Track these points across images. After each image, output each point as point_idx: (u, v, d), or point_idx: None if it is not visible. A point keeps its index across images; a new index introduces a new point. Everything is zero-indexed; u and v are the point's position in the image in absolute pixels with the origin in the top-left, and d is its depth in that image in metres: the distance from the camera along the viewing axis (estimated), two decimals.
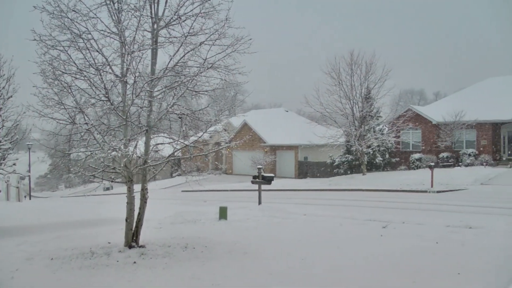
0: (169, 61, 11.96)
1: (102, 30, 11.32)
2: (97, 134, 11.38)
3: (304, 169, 51.44)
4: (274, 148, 54.88)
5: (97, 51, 11.15)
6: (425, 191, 28.29)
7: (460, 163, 40.85)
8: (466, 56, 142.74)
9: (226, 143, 39.94)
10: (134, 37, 11.30)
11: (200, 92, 12.77)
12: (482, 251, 11.59)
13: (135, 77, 11.23)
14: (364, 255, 11.44)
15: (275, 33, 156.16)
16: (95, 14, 11.18)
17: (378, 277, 9.59)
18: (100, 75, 11.05)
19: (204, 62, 11.93)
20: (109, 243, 12.86)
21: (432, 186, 29.21)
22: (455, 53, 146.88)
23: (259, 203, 22.26)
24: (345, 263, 10.80)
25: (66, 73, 11.14)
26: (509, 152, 42.36)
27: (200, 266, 10.61)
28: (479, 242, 12.56)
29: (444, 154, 41.95)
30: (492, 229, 14.25)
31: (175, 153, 12.70)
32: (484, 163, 38.92)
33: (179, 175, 54.30)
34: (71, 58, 11.00)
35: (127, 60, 11.25)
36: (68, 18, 10.92)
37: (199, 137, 13.13)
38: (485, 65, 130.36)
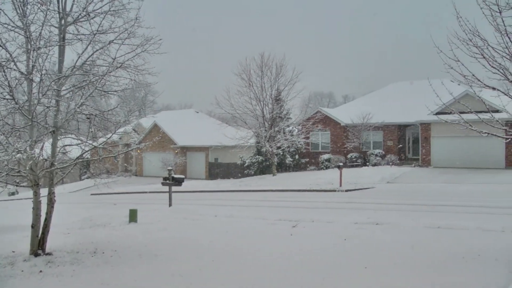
0: (77, 59, 11.61)
1: (6, 24, 10.83)
2: (1, 135, 10.77)
3: (215, 170, 51.39)
4: (185, 149, 54.45)
5: (0, 46, 10.58)
6: (334, 190, 28.94)
7: (368, 163, 42.24)
8: (373, 61, 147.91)
9: (136, 144, 39.20)
10: (40, 33, 10.87)
11: (109, 92, 12.54)
12: (389, 245, 12.11)
13: (41, 75, 10.79)
14: (274, 254, 11.62)
15: (185, 34, 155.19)
16: None
17: (289, 276, 9.76)
18: (4, 71, 10.48)
19: (113, 62, 11.75)
20: (13, 252, 12.23)
21: (341, 185, 29.95)
22: (363, 57, 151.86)
23: (170, 205, 22.06)
24: (256, 263, 10.91)
25: None
26: (413, 152, 44.24)
27: (110, 271, 10.44)
28: (386, 237, 13.11)
29: (353, 155, 43.24)
30: (397, 224, 14.90)
31: (84, 155, 12.29)
32: (390, 163, 40.48)
33: (88, 177, 52.66)
34: None
35: (33, 57, 10.79)
36: None
37: (108, 138, 12.83)
38: (392, 70, 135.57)
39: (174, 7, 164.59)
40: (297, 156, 45.99)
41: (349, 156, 43.49)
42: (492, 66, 9.83)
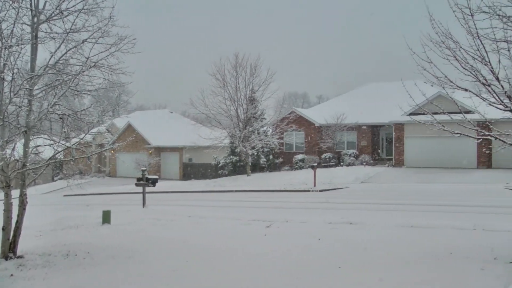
0: (50, 58, 11.44)
1: None
2: None
3: (189, 171, 51.20)
4: (159, 150, 54.14)
5: None
6: (308, 190, 29.08)
7: (342, 163, 42.49)
8: (347, 61, 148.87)
9: (110, 144, 38.74)
10: (12, 30, 10.69)
11: (83, 92, 12.40)
12: (362, 244, 12.19)
13: (13, 74, 10.64)
14: (248, 255, 11.64)
15: (160, 33, 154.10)
16: None
17: (263, 276, 9.78)
18: None
19: (87, 61, 11.58)
20: None
21: (315, 185, 30.09)
22: (337, 57, 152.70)
23: (144, 205, 21.97)
24: (230, 263, 10.93)
25: None
26: (387, 152, 44.64)
27: (83, 274, 10.34)
28: (359, 237, 13.20)
29: (327, 155, 43.43)
30: (371, 224, 15.04)
31: (57, 156, 12.09)
32: (364, 163, 40.80)
33: (61, 178, 51.95)
34: None
35: (4, 55, 10.60)
36: None
37: (81, 139, 12.66)
38: (365, 70, 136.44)
39: (172, 7, 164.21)
40: (271, 157, 46.04)
41: (323, 156, 43.68)
42: (464, 68, 9.95)
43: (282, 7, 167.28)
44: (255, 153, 43.59)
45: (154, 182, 22.46)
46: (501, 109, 9.88)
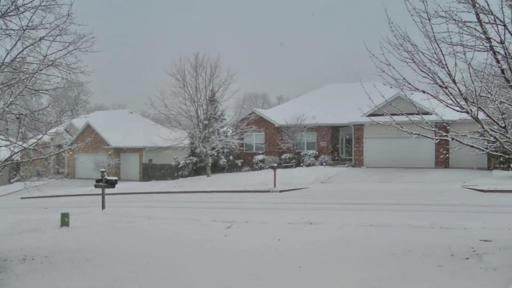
0: (6, 56, 11.22)
1: None
2: None
3: (149, 172, 50.74)
4: (118, 151, 53.48)
5: None
6: (268, 191, 29.13)
7: (302, 164, 42.71)
8: (305, 62, 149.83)
9: (68, 145, 38.00)
10: None
11: (40, 91, 12.20)
12: (322, 244, 12.33)
13: None
14: (208, 256, 11.66)
15: (119, 32, 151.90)
16: None
17: (222, 277, 9.79)
18: None
19: (44, 59, 11.38)
20: None
21: (275, 186, 30.16)
22: (297, 59, 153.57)
23: (103, 207, 21.69)
24: (190, 264, 10.94)
25: None
26: (347, 152, 45.10)
27: (40, 279, 10.19)
28: (319, 236, 13.33)
29: (286, 155, 43.62)
30: (331, 223, 15.18)
31: (13, 157, 11.84)
32: (324, 163, 41.18)
33: (18, 180, 50.75)
34: None
35: None
36: None
37: (39, 139, 12.42)
38: (324, 72, 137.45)
39: (130, 5, 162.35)
40: (231, 157, 46.00)
41: (283, 156, 43.86)
42: (422, 71, 10.12)
43: (242, 7, 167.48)
44: (215, 154, 43.51)
45: (113, 183, 22.21)
46: (457, 111, 10.09)
